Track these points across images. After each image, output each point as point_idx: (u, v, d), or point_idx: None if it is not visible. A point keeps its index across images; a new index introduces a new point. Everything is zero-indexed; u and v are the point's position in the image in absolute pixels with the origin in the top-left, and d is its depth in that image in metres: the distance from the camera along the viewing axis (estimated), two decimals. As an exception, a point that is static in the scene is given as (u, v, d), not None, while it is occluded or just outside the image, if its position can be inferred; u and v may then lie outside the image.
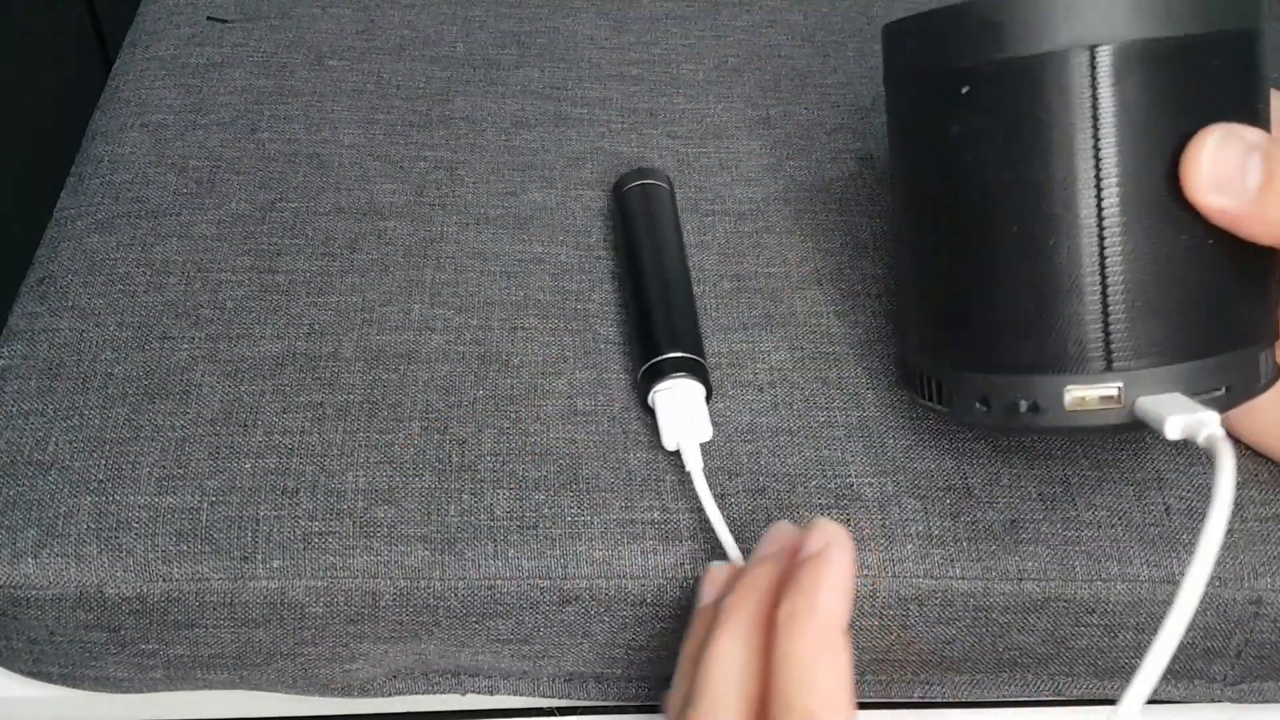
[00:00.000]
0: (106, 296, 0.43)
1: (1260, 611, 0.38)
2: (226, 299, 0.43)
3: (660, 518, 0.38)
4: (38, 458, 0.39)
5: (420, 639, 0.38)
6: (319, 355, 0.42)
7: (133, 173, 0.48)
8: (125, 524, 0.37)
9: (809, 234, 0.47)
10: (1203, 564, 0.29)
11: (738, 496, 0.39)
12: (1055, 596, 0.38)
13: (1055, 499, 0.39)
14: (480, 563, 0.37)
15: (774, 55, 0.54)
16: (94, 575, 0.37)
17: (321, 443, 0.39)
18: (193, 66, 0.52)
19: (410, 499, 0.38)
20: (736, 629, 0.32)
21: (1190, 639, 0.38)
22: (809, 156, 0.50)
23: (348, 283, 0.44)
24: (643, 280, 0.43)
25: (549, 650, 0.39)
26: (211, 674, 0.39)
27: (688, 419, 0.38)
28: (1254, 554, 0.38)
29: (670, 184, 0.46)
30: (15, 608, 0.37)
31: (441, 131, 0.50)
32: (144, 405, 0.40)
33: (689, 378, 0.39)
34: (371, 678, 0.40)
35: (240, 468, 0.38)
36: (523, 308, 0.44)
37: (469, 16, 0.56)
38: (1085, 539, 0.38)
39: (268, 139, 0.49)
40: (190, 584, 0.37)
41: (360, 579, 0.37)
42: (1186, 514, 0.38)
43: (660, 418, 0.39)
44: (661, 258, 0.43)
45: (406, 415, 0.40)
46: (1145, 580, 0.38)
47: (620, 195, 0.46)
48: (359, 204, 0.47)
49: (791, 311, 0.44)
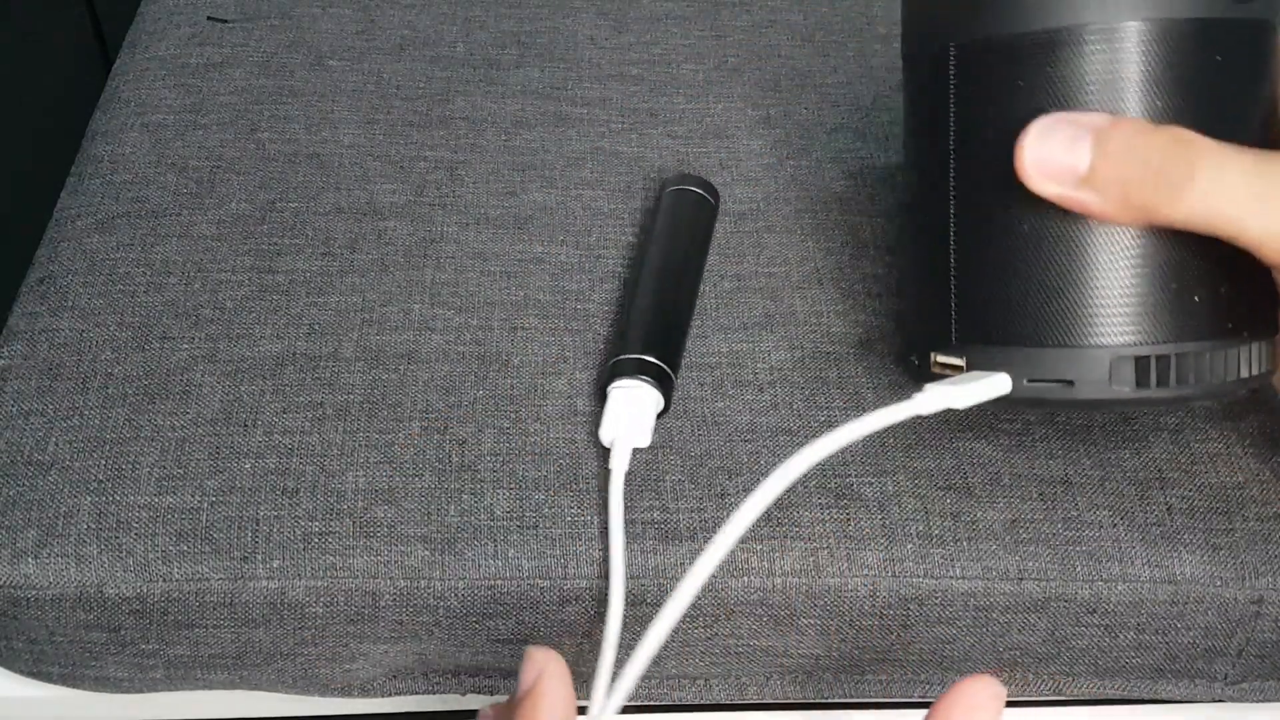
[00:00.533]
0: (106, 296, 0.43)
1: (1262, 611, 0.38)
2: (226, 299, 0.43)
3: (660, 518, 0.38)
4: (38, 458, 0.39)
5: (420, 639, 0.38)
6: (319, 355, 0.42)
7: (133, 173, 0.48)
8: (125, 524, 0.37)
9: (809, 233, 0.47)
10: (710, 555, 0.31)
11: (738, 497, 0.39)
12: (1055, 596, 0.38)
13: (1056, 498, 0.39)
14: (480, 563, 0.37)
15: (774, 55, 0.54)
16: (94, 575, 0.36)
17: (321, 443, 0.39)
18: (193, 66, 0.52)
19: (410, 499, 0.38)
20: None
21: (1191, 638, 0.38)
22: (809, 156, 0.50)
23: (348, 283, 0.44)
24: (645, 278, 0.43)
25: (549, 650, 0.39)
26: (211, 674, 0.39)
27: (632, 421, 0.39)
28: (1255, 553, 0.38)
29: (713, 197, 0.46)
30: (15, 608, 0.37)
31: (441, 131, 0.50)
32: (144, 405, 0.40)
33: (650, 384, 0.39)
34: (371, 678, 0.40)
35: (240, 468, 0.38)
36: (523, 308, 0.44)
37: (469, 16, 0.56)
38: (1086, 539, 0.38)
39: (268, 139, 0.49)
40: (190, 584, 0.37)
41: (360, 579, 0.37)
42: (1188, 513, 0.38)
43: (607, 411, 0.39)
44: (670, 263, 0.43)
45: (406, 415, 0.40)
46: (1146, 580, 0.38)
47: (659, 196, 0.46)
48: (359, 204, 0.47)
49: (792, 311, 0.44)
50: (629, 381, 0.39)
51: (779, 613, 0.38)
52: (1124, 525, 0.38)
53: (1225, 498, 0.39)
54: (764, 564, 0.38)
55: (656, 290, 0.42)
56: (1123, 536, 0.38)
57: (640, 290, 0.42)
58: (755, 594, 0.38)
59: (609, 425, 0.39)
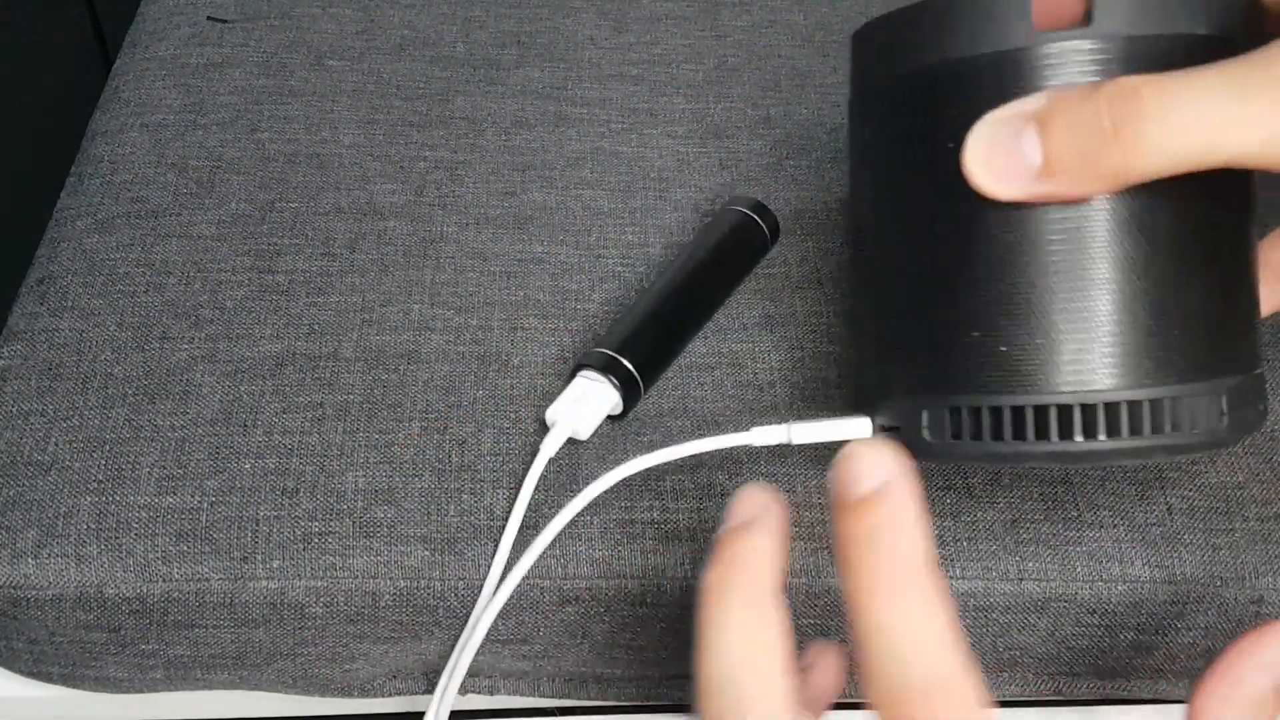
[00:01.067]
0: (106, 297, 0.43)
1: (1261, 611, 0.38)
2: (226, 299, 0.43)
3: (660, 518, 0.38)
4: (37, 458, 0.39)
5: (420, 639, 0.38)
6: (319, 355, 0.42)
7: (132, 173, 0.48)
8: (125, 524, 0.37)
9: (809, 234, 0.47)
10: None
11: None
12: (1056, 596, 0.38)
13: (1056, 499, 0.39)
14: (480, 563, 0.37)
15: (774, 55, 0.54)
16: (94, 575, 0.36)
17: (321, 443, 0.39)
18: (193, 66, 0.52)
19: (410, 499, 0.38)
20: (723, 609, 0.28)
21: (1192, 638, 0.38)
22: (809, 156, 0.50)
23: (347, 283, 0.44)
24: (660, 285, 0.42)
25: (549, 650, 0.39)
26: (211, 674, 0.39)
27: (580, 411, 0.39)
28: (1255, 553, 0.38)
29: (770, 229, 0.45)
30: (15, 608, 0.37)
31: (441, 131, 0.50)
32: (144, 405, 0.40)
33: (613, 385, 0.39)
34: (371, 677, 0.40)
35: (240, 468, 0.38)
36: (523, 308, 0.44)
37: (469, 16, 0.56)
38: (1086, 539, 0.38)
39: (267, 139, 0.49)
40: (190, 584, 0.37)
41: (360, 579, 0.37)
42: (1188, 514, 0.38)
43: (565, 392, 0.39)
44: (690, 280, 0.43)
45: (406, 415, 0.40)
46: (1146, 580, 0.38)
47: (717, 211, 0.45)
48: (359, 204, 0.47)
49: (792, 311, 0.44)
50: (595, 375, 0.39)
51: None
52: (1124, 525, 0.38)
53: (1225, 497, 0.39)
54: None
55: (663, 301, 0.42)
56: (1123, 537, 0.38)
57: (650, 294, 0.42)
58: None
59: (558, 407, 0.39)
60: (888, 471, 0.28)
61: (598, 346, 0.40)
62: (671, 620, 0.38)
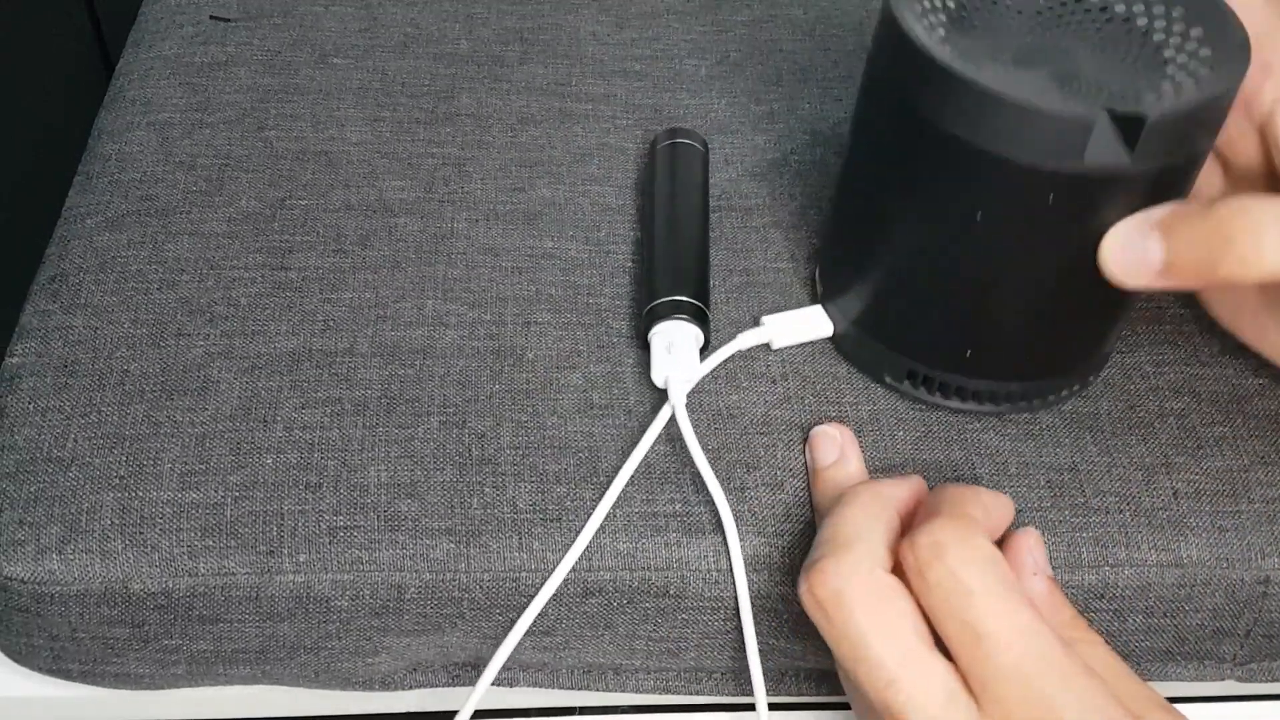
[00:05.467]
0: (119, 294, 0.43)
1: (1269, 591, 0.39)
2: (240, 296, 0.43)
3: (682, 510, 0.38)
4: (57, 454, 0.39)
5: (444, 631, 0.39)
6: (335, 351, 0.42)
7: (141, 171, 0.48)
8: (150, 520, 0.37)
9: (816, 228, 0.47)
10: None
11: (757, 490, 0.39)
12: (1064, 582, 0.38)
13: (1063, 486, 0.40)
14: (505, 555, 0.37)
15: (776, 50, 0.55)
16: (119, 571, 0.37)
17: (342, 437, 0.39)
18: (197, 65, 0.52)
19: (433, 492, 0.38)
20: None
21: (1200, 620, 0.39)
22: (813, 151, 0.50)
23: (360, 279, 0.44)
24: (654, 228, 0.45)
25: (570, 642, 0.39)
26: (234, 669, 0.39)
27: (678, 358, 0.40)
28: (1261, 534, 0.39)
29: (704, 145, 0.48)
30: (39, 604, 0.37)
31: (448, 128, 0.50)
32: (162, 402, 0.40)
33: (687, 321, 0.41)
34: (392, 671, 0.41)
35: (262, 463, 0.39)
36: (535, 302, 0.44)
37: (471, 13, 0.56)
38: (1093, 525, 0.39)
39: (275, 137, 0.49)
40: (216, 579, 0.37)
41: (386, 572, 0.37)
42: (1194, 497, 0.39)
43: (654, 353, 0.41)
44: (675, 209, 0.45)
45: (425, 410, 0.40)
46: (1153, 565, 0.38)
47: (652, 152, 0.48)
48: (368, 201, 0.47)
49: (801, 305, 0.44)
50: (667, 324, 0.41)
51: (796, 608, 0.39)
52: (1130, 510, 0.39)
53: (1230, 481, 0.40)
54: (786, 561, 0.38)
55: (670, 238, 0.44)
56: (1129, 522, 0.39)
57: (657, 240, 0.44)
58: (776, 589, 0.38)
59: (659, 366, 0.40)
60: (839, 447, 0.39)
61: (652, 302, 0.42)
62: (693, 612, 0.38)
